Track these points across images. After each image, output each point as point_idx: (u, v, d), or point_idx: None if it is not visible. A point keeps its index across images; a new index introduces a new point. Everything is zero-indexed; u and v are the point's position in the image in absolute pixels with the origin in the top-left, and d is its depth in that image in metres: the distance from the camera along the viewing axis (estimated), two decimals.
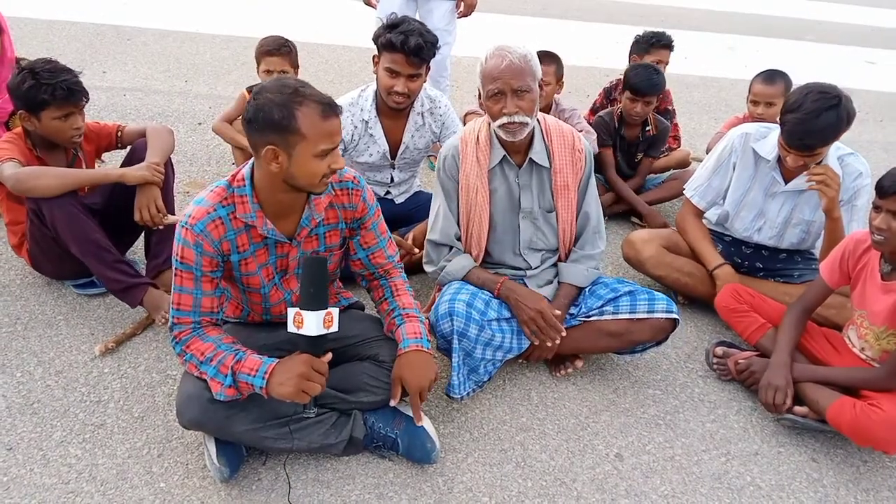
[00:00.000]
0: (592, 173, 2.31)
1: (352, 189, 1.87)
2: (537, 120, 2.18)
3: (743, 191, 2.62)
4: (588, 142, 3.28)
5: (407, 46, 2.43)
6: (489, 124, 2.15)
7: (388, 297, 2.00)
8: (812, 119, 2.19)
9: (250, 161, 1.75)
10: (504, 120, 2.03)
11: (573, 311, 2.27)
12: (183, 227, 1.68)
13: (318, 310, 1.57)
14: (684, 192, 2.80)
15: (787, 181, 2.52)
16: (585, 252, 2.32)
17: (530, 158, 2.18)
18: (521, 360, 2.31)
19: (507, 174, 2.21)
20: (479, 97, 2.11)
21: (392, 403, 1.86)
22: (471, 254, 2.28)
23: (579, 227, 2.32)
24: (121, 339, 2.29)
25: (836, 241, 2.33)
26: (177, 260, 1.70)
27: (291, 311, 1.60)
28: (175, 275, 1.72)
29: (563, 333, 2.16)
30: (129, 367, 2.20)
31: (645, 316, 2.19)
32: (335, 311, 1.62)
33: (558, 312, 2.16)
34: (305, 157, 1.60)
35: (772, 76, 3.23)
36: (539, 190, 2.23)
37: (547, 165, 2.20)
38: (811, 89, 2.22)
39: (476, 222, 2.23)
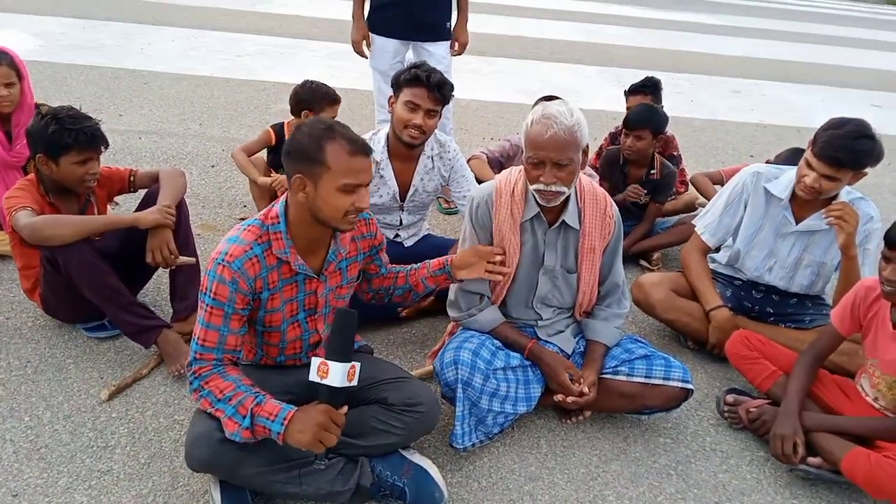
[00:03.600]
0: (621, 240, 2.30)
1: (368, 219, 1.99)
2: None
3: (754, 229, 2.63)
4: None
5: (431, 80, 2.53)
6: (526, 179, 2.12)
7: (402, 268, 2.20)
8: (851, 138, 2.27)
9: (282, 198, 1.80)
10: (540, 187, 2.01)
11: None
12: (220, 263, 1.70)
13: (344, 362, 1.60)
14: (694, 226, 2.81)
15: (797, 221, 2.53)
16: (613, 311, 2.31)
17: (563, 220, 2.16)
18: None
19: (535, 230, 2.20)
20: (521, 150, 2.12)
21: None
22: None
23: (606, 291, 2.33)
24: (125, 385, 2.29)
25: (852, 281, 2.32)
26: (208, 296, 1.71)
27: (316, 361, 1.61)
28: (203, 310, 1.73)
29: (586, 397, 2.13)
30: (136, 412, 2.19)
31: (660, 382, 2.17)
32: (358, 367, 1.65)
33: (583, 388, 2.14)
34: (329, 190, 1.67)
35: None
36: (563, 250, 2.22)
37: (577, 227, 2.19)
38: (854, 119, 2.33)
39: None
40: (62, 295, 2.38)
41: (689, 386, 2.17)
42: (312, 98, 3.25)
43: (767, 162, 3.21)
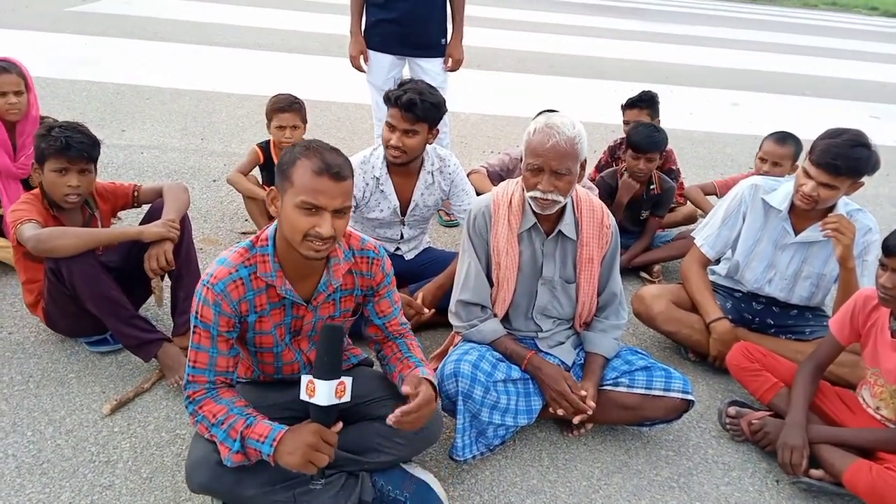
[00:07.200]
0: (618, 250, 2.33)
1: (372, 258, 1.90)
2: None
3: (753, 241, 2.65)
4: None
5: (400, 101, 2.54)
6: (524, 189, 2.14)
7: (404, 350, 1.98)
8: (848, 146, 2.30)
9: (275, 222, 1.78)
10: (537, 194, 2.04)
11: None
12: (205, 285, 1.70)
13: (331, 379, 1.57)
14: (693, 238, 2.82)
15: (796, 233, 2.54)
16: (611, 322, 2.32)
17: (559, 230, 2.19)
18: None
19: (533, 240, 2.22)
20: (521, 161, 2.12)
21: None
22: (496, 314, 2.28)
23: (604, 301, 2.34)
24: (127, 399, 2.29)
25: (850, 293, 2.33)
26: (196, 317, 1.72)
27: (305, 378, 1.59)
28: (193, 332, 1.74)
29: (590, 412, 2.13)
30: (138, 427, 2.20)
31: (660, 393, 2.18)
32: (348, 381, 1.61)
33: (584, 393, 2.14)
34: (290, 206, 1.62)
35: (784, 138, 3.29)
36: (562, 261, 2.24)
37: (574, 238, 2.21)
38: (851, 129, 2.37)
39: (504, 285, 2.24)
40: (65, 308, 2.38)
41: (690, 396, 2.18)
42: (270, 109, 3.36)
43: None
